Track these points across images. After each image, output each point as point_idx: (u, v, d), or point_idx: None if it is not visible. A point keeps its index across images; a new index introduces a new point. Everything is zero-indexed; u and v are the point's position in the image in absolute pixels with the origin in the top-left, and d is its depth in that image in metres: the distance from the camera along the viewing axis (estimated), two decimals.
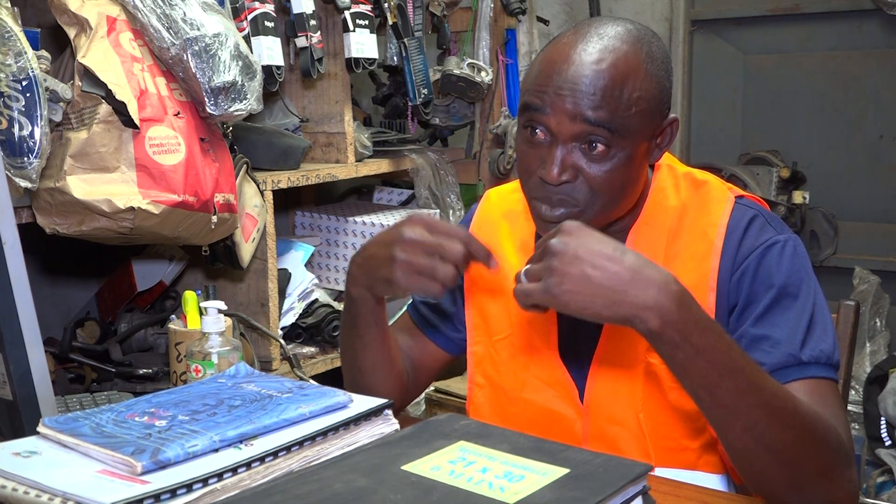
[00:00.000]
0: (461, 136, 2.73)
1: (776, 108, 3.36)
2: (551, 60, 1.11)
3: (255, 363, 1.86)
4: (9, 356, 1.07)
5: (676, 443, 1.17)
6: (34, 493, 0.82)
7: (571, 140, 1.09)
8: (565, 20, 3.45)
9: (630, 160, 1.10)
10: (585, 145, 1.09)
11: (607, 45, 1.09)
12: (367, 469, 0.87)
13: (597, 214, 1.12)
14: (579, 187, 1.10)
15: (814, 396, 1.04)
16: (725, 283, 1.14)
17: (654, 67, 1.11)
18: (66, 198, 1.44)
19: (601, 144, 1.08)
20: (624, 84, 1.08)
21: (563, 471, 0.86)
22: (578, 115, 1.07)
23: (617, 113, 1.07)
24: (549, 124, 1.09)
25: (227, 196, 1.62)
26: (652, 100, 1.10)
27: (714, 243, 1.15)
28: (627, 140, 1.09)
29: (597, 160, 1.09)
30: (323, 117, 2.21)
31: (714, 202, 1.19)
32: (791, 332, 1.08)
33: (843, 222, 3.21)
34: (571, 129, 1.08)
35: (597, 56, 1.08)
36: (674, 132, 1.17)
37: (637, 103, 1.08)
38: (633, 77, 1.08)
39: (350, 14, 2.09)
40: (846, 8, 3.15)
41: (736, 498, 1.10)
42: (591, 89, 1.07)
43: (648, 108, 1.10)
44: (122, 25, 1.51)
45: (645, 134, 1.11)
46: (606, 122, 1.07)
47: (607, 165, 1.09)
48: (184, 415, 0.95)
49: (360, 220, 2.29)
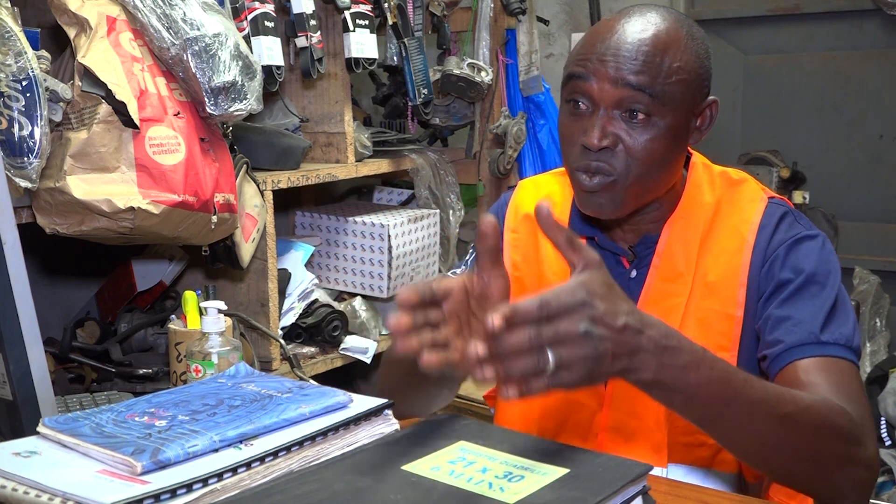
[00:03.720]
0: (461, 136, 2.74)
1: (776, 108, 3.35)
2: (595, 33, 1.15)
3: (255, 363, 1.86)
4: (9, 356, 1.07)
5: (696, 439, 1.17)
6: (34, 493, 0.82)
7: (613, 107, 1.12)
8: (565, 20, 3.44)
9: (669, 132, 1.12)
10: (626, 113, 1.12)
11: (650, 19, 1.14)
12: (367, 469, 0.87)
13: (631, 184, 1.13)
14: (618, 155, 1.12)
15: (831, 375, 1.06)
16: (756, 277, 1.16)
17: (695, 45, 1.15)
18: (66, 198, 1.44)
19: (641, 113, 1.11)
20: (665, 52, 1.11)
21: (563, 471, 0.86)
22: (620, 79, 1.10)
23: (657, 79, 1.10)
24: (591, 92, 1.12)
25: (227, 196, 1.62)
26: (692, 73, 1.13)
27: (746, 239, 1.18)
28: (667, 109, 1.11)
29: (637, 128, 1.12)
30: (323, 117, 2.21)
31: (747, 201, 1.22)
32: (813, 315, 1.11)
33: (843, 222, 3.20)
34: (613, 94, 1.11)
35: (640, 27, 1.13)
36: (713, 115, 1.20)
37: (677, 72, 1.12)
38: (673, 48, 1.12)
39: (350, 14, 2.09)
40: (846, 8, 3.15)
41: (736, 498, 1.10)
42: (632, 55, 1.11)
43: (688, 80, 1.13)
44: (122, 25, 1.51)
45: (685, 108, 1.14)
46: (647, 86, 1.10)
47: (647, 134, 1.11)
48: (184, 415, 0.95)
49: (360, 220, 2.29)
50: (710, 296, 1.18)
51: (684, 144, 1.18)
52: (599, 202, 1.14)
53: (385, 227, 2.25)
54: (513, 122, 2.59)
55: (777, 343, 1.10)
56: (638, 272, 1.22)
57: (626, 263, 1.24)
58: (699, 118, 1.18)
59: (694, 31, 1.16)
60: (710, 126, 1.20)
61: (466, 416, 1.01)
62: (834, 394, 1.03)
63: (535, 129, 2.71)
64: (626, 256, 1.24)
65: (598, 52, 1.12)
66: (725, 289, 1.16)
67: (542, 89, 2.69)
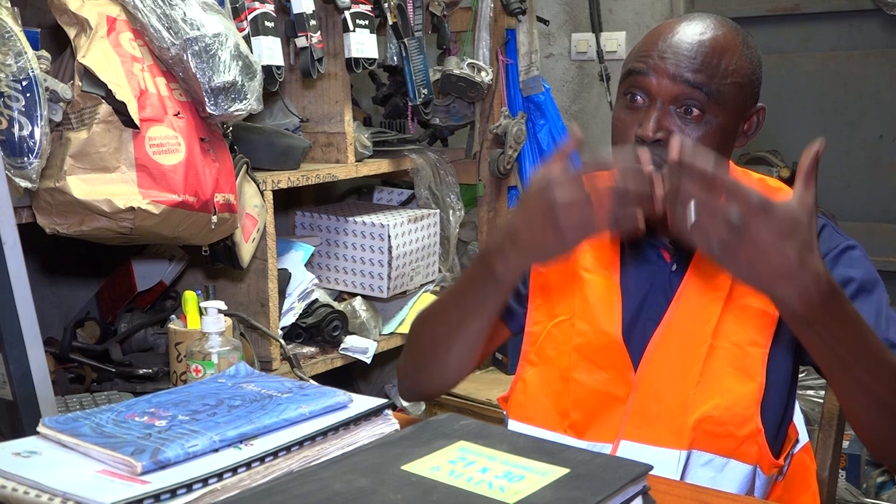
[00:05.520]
0: (461, 136, 2.73)
1: (776, 108, 3.35)
2: (657, 32, 1.21)
3: (255, 363, 1.86)
4: (9, 356, 1.07)
5: (724, 428, 1.18)
6: (34, 493, 0.82)
7: (670, 101, 1.16)
8: (565, 20, 3.44)
9: (719, 131, 1.17)
10: (681, 109, 1.16)
11: (708, 24, 1.19)
12: (367, 469, 0.87)
13: None
14: None
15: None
16: None
17: (749, 52, 1.20)
18: (66, 198, 1.44)
19: (696, 109, 1.15)
20: (722, 55, 1.17)
21: (563, 471, 0.86)
22: (678, 76, 1.15)
23: (714, 79, 1.15)
24: (650, 86, 1.17)
25: (227, 196, 1.62)
26: (745, 77, 1.19)
27: None
28: (720, 108, 1.16)
29: (690, 124, 1.16)
30: (323, 117, 2.21)
31: None
32: (875, 320, 1.15)
33: (843, 222, 3.20)
34: (671, 89, 1.16)
35: (700, 29, 1.18)
36: (760, 121, 1.24)
37: (732, 75, 1.17)
38: (730, 52, 1.17)
39: (350, 14, 2.09)
40: (846, 8, 3.15)
41: (736, 498, 1.11)
42: (692, 54, 1.16)
43: (741, 84, 1.18)
44: (122, 25, 1.51)
45: (736, 110, 1.18)
46: (704, 84, 1.15)
47: (699, 131, 1.16)
48: (184, 415, 0.95)
49: (360, 220, 2.29)
50: (750, 293, 1.19)
51: (731, 146, 1.22)
52: None
53: (385, 227, 2.25)
54: (513, 122, 2.59)
55: None
56: (678, 266, 1.25)
57: (668, 257, 1.26)
58: (747, 122, 1.23)
59: (748, 41, 1.22)
60: (756, 132, 1.25)
61: (466, 416, 1.01)
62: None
63: (535, 129, 2.71)
64: (667, 250, 1.26)
65: (658, 50, 1.17)
66: None
67: (542, 89, 2.69)
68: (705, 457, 1.18)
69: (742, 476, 1.19)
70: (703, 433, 1.18)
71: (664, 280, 1.25)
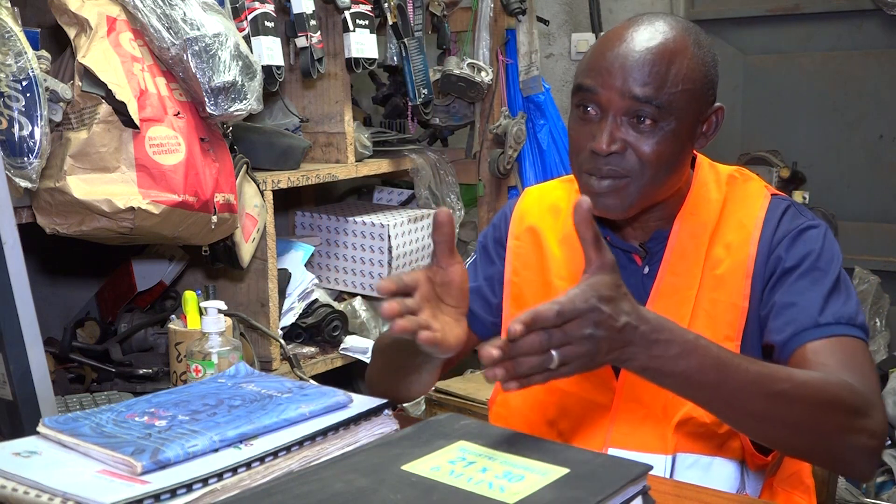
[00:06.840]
0: (461, 136, 2.73)
1: (776, 108, 3.35)
2: (604, 41, 1.19)
3: (255, 363, 1.86)
4: (9, 356, 1.07)
5: (705, 428, 1.19)
6: (34, 493, 0.82)
7: (621, 114, 1.15)
8: (565, 20, 3.45)
9: (675, 137, 1.16)
10: (634, 119, 1.15)
11: (657, 28, 1.17)
12: (367, 469, 0.87)
13: (644, 186, 1.16)
14: (628, 158, 1.15)
15: (836, 353, 1.10)
16: (761, 268, 1.20)
17: (701, 53, 1.18)
18: (66, 198, 1.44)
19: (648, 118, 1.14)
20: (672, 62, 1.14)
21: (563, 471, 0.86)
22: (626, 91, 1.13)
23: (663, 89, 1.13)
24: (599, 101, 1.16)
25: (227, 196, 1.62)
26: (697, 81, 1.16)
27: (751, 233, 1.22)
28: (673, 116, 1.15)
29: (644, 134, 1.15)
30: (323, 117, 2.21)
31: (752, 197, 1.25)
32: (815, 299, 1.14)
33: (843, 222, 3.20)
34: (621, 104, 1.14)
35: (647, 36, 1.16)
36: (719, 121, 1.23)
37: (684, 81, 1.15)
38: (680, 56, 1.15)
39: (350, 14, 2.09)
40: (846, 8, 3.15)
41: (736, 498, 1.11)
42: (639, 66, 1.14)
43: (694, 90, 1.16)
44: (122, 25, 1.51)
45: (690, 115, 1.17)
46: (653, 97, 1.13)
47: (654, 138, 1.15)
48: (184, 415, 0.95)
49: (360, 220, 2.29)
50: (719, 288, 1.21)
51: (690, 148, 1.21)
52: (607, 203, 1.17)
53: (385, 227, 2.25)
54: (513, 122, 2.59)
55: (783, 330, 1.14)
56: (650, 268, 1.25)
57: (639, 261, 1.26)
58: (705, 124, 1.21)
59: (701, 39, 1.19)
60: (715, 132, 1.23)
61: (466, 416, 1.01)
62: (842, 371, 1.07)
63: (535, 129, 2.71)
64: (638, 254, 1.26)
65: (606, 63, 1.15)
66: (733, 281, 1.19)
67: (542, 89, 2.69)
68: (690, 458, 1.19)
69: (729, 473, 1.19)
70: (685, 435, 1.19)
71: (637, 283, 1.24)
